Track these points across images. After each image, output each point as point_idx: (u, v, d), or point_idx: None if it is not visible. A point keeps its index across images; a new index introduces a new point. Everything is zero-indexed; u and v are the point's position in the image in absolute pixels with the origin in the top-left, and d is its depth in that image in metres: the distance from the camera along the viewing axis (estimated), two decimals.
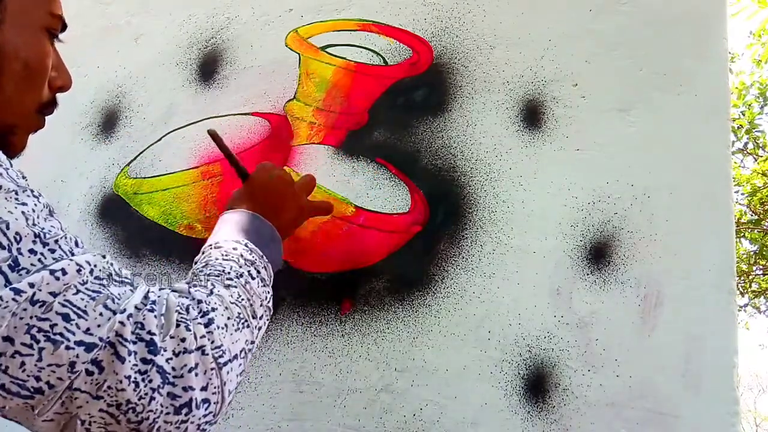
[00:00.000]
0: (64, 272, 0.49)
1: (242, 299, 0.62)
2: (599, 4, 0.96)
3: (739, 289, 5.49)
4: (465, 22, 1.03)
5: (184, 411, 0.51)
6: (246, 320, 0.61)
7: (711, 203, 0.85)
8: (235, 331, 0.59)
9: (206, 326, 0.55)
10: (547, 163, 0.93)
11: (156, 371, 0.50)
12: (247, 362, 0.61)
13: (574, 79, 0.95)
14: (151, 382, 0.50)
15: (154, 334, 0.51)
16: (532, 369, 0.86)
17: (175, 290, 0.59)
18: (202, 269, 0.65)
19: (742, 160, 5.49)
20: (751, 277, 5.72)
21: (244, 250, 0.69)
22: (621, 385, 0.82)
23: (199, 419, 0.52)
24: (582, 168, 0.91)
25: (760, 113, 5.15)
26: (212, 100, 1.14)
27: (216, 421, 0.55)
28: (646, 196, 0.87)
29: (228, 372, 0.55)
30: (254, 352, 0.64)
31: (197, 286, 0.61)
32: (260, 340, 0.66)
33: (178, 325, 0.53)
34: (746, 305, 6.18)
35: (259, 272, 0.68)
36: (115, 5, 1.30)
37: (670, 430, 0.79)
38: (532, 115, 0.95)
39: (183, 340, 0.52)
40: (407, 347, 0.92)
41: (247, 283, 0.65)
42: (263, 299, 0.66)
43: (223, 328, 0.57)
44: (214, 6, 1.19)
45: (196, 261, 0.70)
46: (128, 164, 1.17)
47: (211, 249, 0.69)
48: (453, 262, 0.93)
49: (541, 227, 0.90)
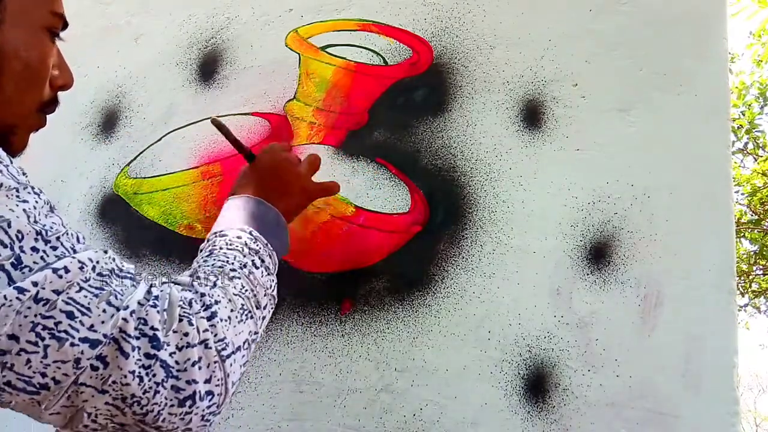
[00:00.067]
0: (67, 270, 0.49)
1: (246, 290, 0.63)
2: (599, 4, 0.96)
3: (739, 289, 5.49)
4: (465, 22, 1.03)
5: (188, 403, 0.52)
6: (249, 311, 0.62)
7: (711, 203, 0.85)
8: (238, 323, 0.59)
9: (209, 319, 0.56)
10: (547, 163, 0.93)
11: (160, 366, 0.51)
12: (251, 353, 0.62)
13: (574, 79, 0.95)
14: (155, 376, 0.50)
15: (157, 330, 0.51)
16: (532, 369, 0.86)
17: (178, 283, 0.59)
18: (206, 259, 0.66)
19: (742, 160, 5.49)
20: (751, 277, 5.72)
21: (249, 239, 0.69)
22: (621, 385, 0.82)
23: (203, 410, 0.53)
24: (582, 168, 0.91)
25: (760, 113, 5.15)
26: (212, 100, 1.14)
27: (219, 412, 0.56)
28: (646, 196, 0.87)
29: (231, 364, 0.56)
30: (255, 350, 0.65)
31: (200, 278, 0.61)
32: (264, 329, 0.67)
33: (180, 320, 0.53)
34: (746, 305, 6.18)
35: (263, 261, 0.68)
36: (115, 5, 1.30)
37: (670, 430, 0.79)
38: (532, 115, 0.95)
39: (186, 334, 0.53)
40: (407, 347, 0.92)
41: (251, 273, 0.65)
42: (267, 288, 0.67)
43: (226, 321, 0.57)
44: (214, 6, 1.19)
45: (201, 249, 0.70)
46: (128, 164, 1.17)
47: (216, 237, 0.70)
48: (453, 262, 0.93)
49: (541, 227, 0.90)
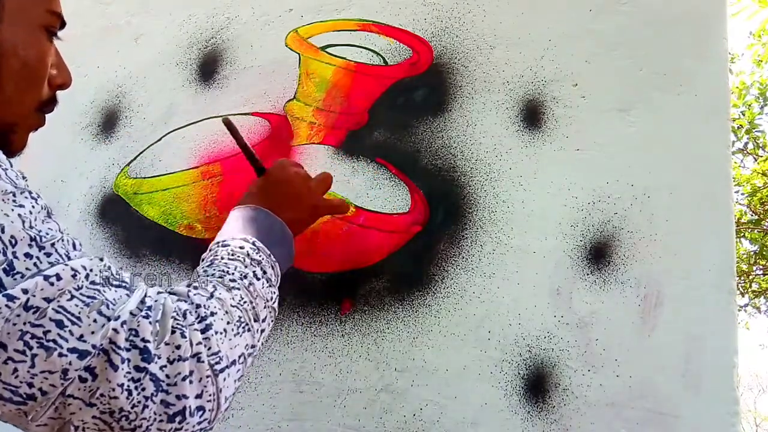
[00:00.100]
0: (59, 277, 0.48)
1: (244, 302, 0.61)
2: (599, 4, 0.96)
3: (739, 289, 5.49)
4: (465, 22, 1.03)
5: (178, 419, 0.50)
6: (247, 324, 0.60)
7: (711, 203, 0.85)
8: (234, 335, 0.57)
9: (203, 332, 0.54)
10: (547, 163, 0.93)
11: (149, 379, 0.49)
12: (247, 366, 0.60)
13: (574, 79, 0.95)
14: (144, 390, 0.49)
15: (148, 342, 0.50)
16: (532, 369, 0.86)
17: (174, 293, 0.58)
18: (206, 269, 0.65)
19: (742, 160, 5.49)
20: (751, 277, 5.71)
21: (251, 249, 0.68)
22: (621, 385, 0.82)
23: (193, 426, 0.52)
24: (582, 168, 0.91)
25: (760, 113, 5.15)
26: (212, 100, 1.14)
27: (211, 428, 0.54)
28: (646, 196, 0.87)
29: (225, 378, 0.54)
30: (256, 354, 0.64)
31: (198, 288, 0.60)
32: (264, 341, 0.66)
33: (173, 332, 0.52)
34: (746, 305, 6.17)
35: (265, 272, 0.67)
36: (115, 5, 1.30)
37: (670, 430, 0.79)
38: (532, 115, 0.95)
39: (178, 347, 0.51)
40: (407, 347, 0.92)
41: (251, 284, 0.64)
42: (268, 300, 0.65)
43: (221, 333, 0.56)
44: (214, 6, 1.19)
45: (203, 258, 0.69)
46: (128, 164, 1.17)
47: (219, 247, 0.69)
48: (453, 262, 0.93)
49: (541, 227, 0.90)
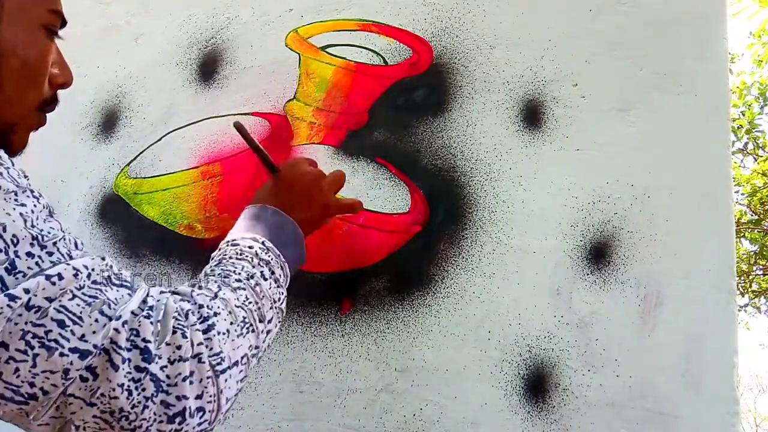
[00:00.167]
0: (61, 277, 0.48)
1: (249, 302, 0.61)
2: (599, 4, 0.96)
3: (739, 289, 5.49)
4: (465, 22, 1.03)
5: (178, 420, 0.50)
6: (251, 324, 0.60)
7: (711, 203, 0.85)
8: (237, 336, 0.57)
9: (205, 332, 0.54)
10: (547, 163, 0.93)
11: (150, 379, 0.49)
12: (251, 367, 0.60)
13: (574, 79, 0.95)
14: (144, 390, 0.49)
15: (149, 342, 0.50)
16: (532, 369, 0.86)
17: (178, 293, 0.58)
18: (213, 268, 0.65)
19: (742, 160, 5.49)
20: (751, 277, 5.71)
21: (260, 249, 0.68)
22: (621, 385, 0.82)
23: (193, 427, 0.52)
24: (582, 168, 0.91)
25: (760, 113, 5.15)
26: (212, 100, 1.14)
27: (212, 428, 0.54)
28: (646, 196, 0.87)
29: (226, 380, 0.54)
30: (261, 355, 0.63)
31: (202, 288, 0.59)
32: (270, 342, 0.65)
33: (174, 332, 0.52)
34: (746, 305, 6.17)
35: (273, 272, 0.67)
36: (115, 5, 1.30)
37: (670, 430, 0.79)
38: (532, 115, 0.95)
39: (179, 347, 0.51)
40: (407, 347, 0.92)
41: (258, 285, 0.63)
42: (275, 301, 0.65)
43: (224, 334, 0.55)
44: (214, 6, 1.19)
45: (212, 257, 0.69)
46: (128, 164, 1.17)
47: (228, 246, 0.68)
48: (453, 262, 0.93)
49: (541, 227, 0.90)
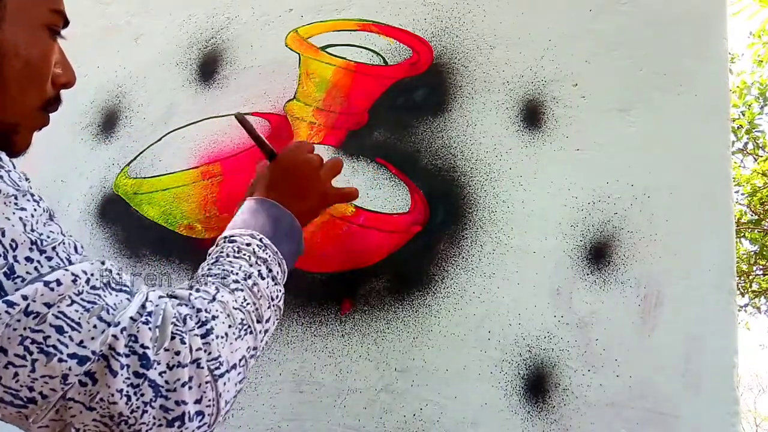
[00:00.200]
0: (59, 283, 0.48)
1: (247, 303, 0.61)
2: (599, 4, 0.96)
3: (739, 289, 5.49)
4: (465, 22, 1.03)
5: (177, 424, 0.51)
6: (249, 326, 0.60)
7: (711, 203, 0.85)
8: (235, 339, 0.57)
9: (203, 337, 0.54)
10: (547, 163, 0.93)
11: (148, 385, 0.49)
12: (249, 369, 0.60)
13: (574, 79, 0.95)
14: (143, 395, 0.49)
15: (147, 348, 0.50)
16: (532, 369, 0.86)
17: (176, 297, 0.58)
18: (210, 267, 0.65)
19: (742, 160, 5.49)
20: (751, 277, 5.71)
21: (258, 246, 0.68)
22: (621, 385, 0.82)
23: (193, 430, 0.52)
24: (582, 168, 0.91)
25: (760, 113, 5.15)
26: (212, 100, 1.14)
27: (212, 430, 0.54)
28: (646, 196, 0.87)
29: (225, 383, 0.55)
30: (258, 355, 0.64)
31: (200, 291, 0.59)
32: (268, 340, 0.66)
33: (173, 338, 0.52)
34: (746, 305, 6.17)
35: (270, 270, 0.67)
36: (115, 5, 1.30)
37: (670, 430, 0.79)
38: (532, 115, 0.95)
39: (177, 353, 0.51)
40: (407, 347, 0.92)
41: (255, 284, 0.64)
42: (272, 300, 0.65)
43: (222, 338, 0.56)
44: (214, 6, 1.19)
45: (209, 253, 0.69)
46: (128, 164, 1.17)
47: (225, 242, 0.69)
48: (453, 262, 0.93)
49: (541, 227, 0.90)
